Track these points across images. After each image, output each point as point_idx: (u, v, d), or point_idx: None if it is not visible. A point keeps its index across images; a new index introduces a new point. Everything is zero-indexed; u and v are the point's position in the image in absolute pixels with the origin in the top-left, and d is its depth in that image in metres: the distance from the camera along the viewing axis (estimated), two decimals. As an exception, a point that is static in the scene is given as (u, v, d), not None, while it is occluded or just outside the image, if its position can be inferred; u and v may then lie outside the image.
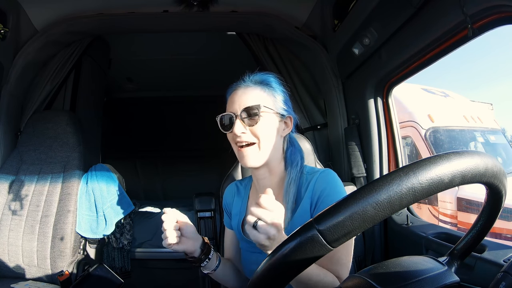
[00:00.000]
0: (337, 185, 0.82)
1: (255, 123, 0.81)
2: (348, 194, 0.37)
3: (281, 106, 0.86)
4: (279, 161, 0.88)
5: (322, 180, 0.82)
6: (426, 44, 1.05)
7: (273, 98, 0.85)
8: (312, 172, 0.86)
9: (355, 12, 1.31)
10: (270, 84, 0.87)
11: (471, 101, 4.14)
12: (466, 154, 0.38)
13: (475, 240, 0.50)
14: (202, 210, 1.43)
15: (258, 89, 0.85)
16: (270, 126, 0.83)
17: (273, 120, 0.84)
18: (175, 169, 3.42)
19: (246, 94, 0.84)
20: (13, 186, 1.57)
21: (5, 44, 1.49)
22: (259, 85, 0.86)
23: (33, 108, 1.73)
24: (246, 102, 0.82)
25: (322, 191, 0.81)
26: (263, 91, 0.85)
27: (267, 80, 0.87)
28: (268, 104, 0.84)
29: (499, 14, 0.82)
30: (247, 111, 0.81)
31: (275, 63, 1.84)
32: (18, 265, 1.48)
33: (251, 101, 0.82)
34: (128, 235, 2.01)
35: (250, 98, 0.83)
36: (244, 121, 0.82)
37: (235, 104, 0.83)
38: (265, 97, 0.84)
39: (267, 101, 0.84)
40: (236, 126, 0.81)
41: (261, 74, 0.89)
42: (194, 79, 3.06)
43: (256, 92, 0.84)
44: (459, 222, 2.82)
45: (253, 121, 0.81)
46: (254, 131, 0.82)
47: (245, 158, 0.83)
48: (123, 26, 1.72)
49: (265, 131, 0.82)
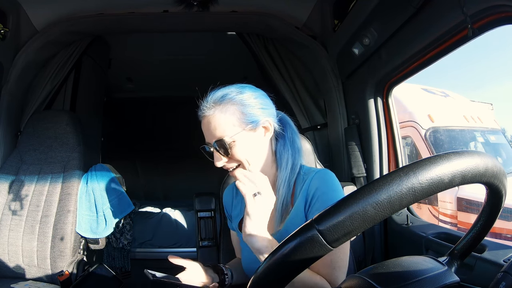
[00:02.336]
0: (333, 184, 0.81)
1: (229, 152, 0.78)
2: (348, 194, 0.37)
3: (251, 118, 0.79)
4: (270, 166, 0.86)
5: (317, 179, 0.81)
6: (426, 44, 1.05)
7: (239, 114, 0.78)
8: (309, 172, 0.85)
9: (355, 12, 1.31)
10: (232, 98, 0.79)
11: (471, 101, 4.14)
12: (466, 154, 0.38)
13: (475, 240, 0.50)
14: (202, 210, 1.42)
15: (218, 113, 0.78)
16: (246, 145, 0.79)
17: (247, 138, 0.79)
18: (175, 169, 3.42)
19: (209, 125, 0.79)
20: (13, 186, 1.57)
21: (5, 44, 1.49)
22: (219, 106, 0.78)
23: (33, 108, 1.72)
24: (213, 135, 0.79)
25: (316, 190, 0.79)
26: (224, 112, 0.78)
27: (227, 96, 0.79)
28: (235, 126, 0.77)
29: (499, 14, 0.82)
30: (217, 144, 0.78)
31: (275, 63, 1.84)
32: (18, 265, 1.48)
33: (216, 134, 0.78)
34: (128, 235, 2.01)
35: (215, 130, 0.78)
36: (220, 152, 0.79)
37: (207, 136, 0.81)
38: (228, 119, 0.77)
39: (233, 122, 0.78)
40: (215, 160, 0.80)
41: (219, 89, 0.82)
42: (194, 79, 3.05)
43: (217, 118, 0.78)
44: (459, 222, 2.82)
45: (226, 151, 0.78)
46: (233, 158, 0.79)
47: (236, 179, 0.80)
48: (123, 26, 1.72)
49: (243, 153, 0.79)
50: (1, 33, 1.43)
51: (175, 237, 2.16)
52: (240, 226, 0.93)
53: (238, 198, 0.97)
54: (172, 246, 2.13)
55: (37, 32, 1.58)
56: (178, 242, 2.14)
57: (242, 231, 0.72)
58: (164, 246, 2.14)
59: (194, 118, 0.85)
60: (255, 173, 0.77)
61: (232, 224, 0.98)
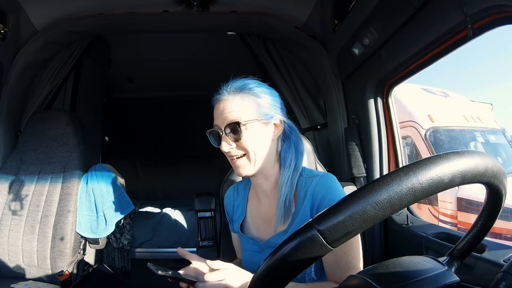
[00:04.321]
0: (337, 190, 0.82)
1: (240, 138, 0.79)
2: (348, 194, 0.37)
3: (266, 111, 0.82)
4: (273, 164, 0.86)
5: (323, 185, 0.81)
6: (426, 44, 1.05)
7: (255, 105, 0.81)
8: (312, 176, 0.85)
9: (355, 12, 1.31)
10: (251, 89, 0.82)
11: (471, 101, 4.14)
12: (466, 154, 0.38)
13: (475, 240, 0.50)
14: (202, 210, 1.43)
15: (237, 99, 0.80)
16: (256, 135, 0.80)
17: (258, 129, 0.81)
18: (175, 169, 3.42)
19: (226, 108, 0.80)
20: (13, 186, 1.57)
21: (5, 44, 1.49)
22: (238, 94, 0.81)
23: (33, 108, 1.73)
24: (227, 117, 0.79)
25: (323, 196, 0.80)
26: (242, 99, 0.80)
27: (247, 86, 0.82)
28: (250, 114, 0.80)
29: (499, 14, 0.82)
30: (229, 127, 0.79)
31: (275, 63, 1.84)
32: (18, 265, 1.48)
33: (231, 116, 0.79)
34: (128, 235, 2.01)
35: (230, 113, 0.79)
36: (229, 136, 0.80)
37: (219, 119, 0.82)
38: (246, 106, 0.80)
39: (249, 110, 0.80)
40: (223, 144, 0.80)
41: (240, 80, 0.84)
42: (194, 79, 3.06)
43: (235, 103, 0.80)
44: (459, 222, 2.82)
45: (237, 136, 0.79)
46: (241, 145, 0.80)
47: (238, 169, 0.82)
48: (123, 26, 1.72)
49: (252, 142, 0.80)
50: (1, 33, 1.43)
51: (175, 237, 2.16)
52: (242, 228, 0.94)
53: (239, 200, 0.97)
54: (172, 246, 2.13)
55: (37, 32, 1.58)
56: (178, 242, 2.14)
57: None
58: (164, 246, 2.14)
59: (194, 118, 0.86)
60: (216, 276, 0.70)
61: (234, 226, 0.98)
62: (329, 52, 1.62)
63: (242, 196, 0.97)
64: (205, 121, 1.03)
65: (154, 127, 3.49)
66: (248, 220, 0.94)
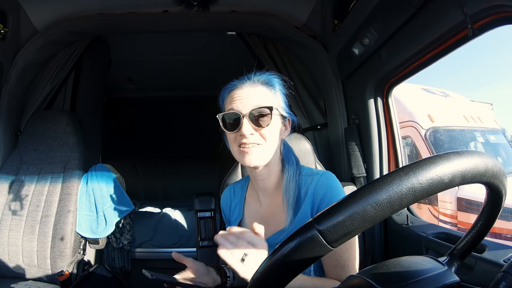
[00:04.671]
0: (337, 189, 0.82)
1: (266, 125, 0.76)
2: (348, 194, 0.37)
3: (284, 108, 0.84)
4: (277, 163, 0.87)
5: (323, 184, 0.82)
6: (426, 44, 1.05)
7: (277, 100, 0.83)
8: (311, 174, 0.85)
9: (355, 12, 1.31)
10: (274, 85, 0.84)
11: (471, 101, 4.14)
12: (466, 154, 0.38)
13: (475, 240, 0.50)
14: (202, 210, 1.43)
15: (265, 89, 0.81)
16: (276, 128, 0.81)
17: (278, 123, 0.82)
18: (175, 169, 3.42)
19: (255, 94, 0.78)
20: (13, 186, 1.57)
21: (5, 44, 1.49)
22: (265, 85, 0.82)
23: (33, 108, 1.73)
24: (256, 101, 0.77)
25: (324, 195, 0.80)
26: (269, 90, 0.82)
27: (272, 81, 0.84)
28: (277, 105, 0.81)
29: (499, 14, 0.82)
30: (258, 111, 0.76)
31: (275, 63, 1.84)
32: (18, 265, 1.48)
33: (262, 101, 0.77)
34: (128, 235, 2.01)
35: (261, 98, 0.78)
36: (252, 121, 0.77)
37: (240, 103, 0.78)
38: (273, 98, 0.81)
39: (277, 102, 0.82)
40: (245, 127, 0.75)
41: (267, 74, 0.85)
42: (194, 79, 3.06)
43: (264, 92, 0.80)
44: (459, 222, 2.82)
45: (263, 122, 0.76)
46: (263, 133, 0.78)
47: (249, 156, 0.78)
48: (123, 26, 1.72)
49: (273, 133, 0.80)
50: (1, 33, 1.43)
51: (175, 237, 2.16)
52: None
53: (236, 200, 0.97)
54: (172, 246, 2.13)
55: (37, 32, 1.58)
56: (178, 242, 2.14)
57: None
58: (164, 246, 2.14)
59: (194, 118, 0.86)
60: (236, 230, 0.66)
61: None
62: (329, 52, 1.62)
63: (239, 197, 0.96)
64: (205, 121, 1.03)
65: (154, 127, 3.48)
66: (245, 220, 0.93)
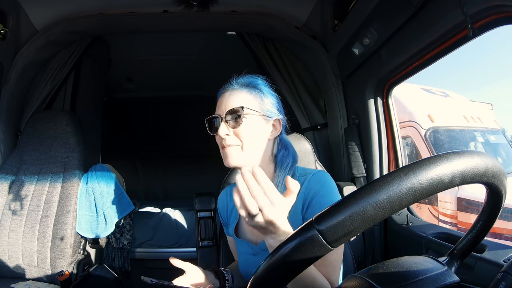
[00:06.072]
0: (330, 186, 0.81)
1: (238, 125, 0.80)
2: (348, 194, 0.37)
3: (269, 108, 0.85)
4: (267, 164, 0.86)
5: (315, 181, 0.81)
6: (426, 44, 1.05)
7: (259, 101, 0.84)
8: (304, 174, 0.85)
9: (355, 12, 1.31)
10: (257, 86, 0.86)
11: (471, 101, 4.14)
12: (466, 154, 0.38)
13: (475, 240, 0.50)
14: (202, 210, 1.43)
15: (244, 92, 0.84)
16: (254, 128, 0.82)
17: (257, 122, 0.83)
18: (175, 169, 3.42)
19: (231, 97, 0.83)
20: (13, 186, 1.57)
21: (5, 44, 1.49)
22: (245, 88, 0.85)
23: (33, 108, 1.73)
24: (230, 104, 0.82)
25: (315, 193, 0.80)
26: (249, 93, 0.84)
27: (254, 83, 0.87)
28: (253, 106, 0.83)
29: (499, 14, 0.82)
30: (230, 113, 0.81)
31: (275, 63, 1.84)
32: (18, 265, 1.48)
33: (235, 104, 0.82)
34: (128, 235, 2.01)
35: (235, 101, 0.82)
36: (228, 123, 0.81)
37: (221, 107, 0.84)
38: (250, 99, 0.84)
39: (253, 103, 0.83)
40: (221, 128, 0.81)
41: (248, 76, 0.88)
42: (194, 79, 3.06)
43: (242, 95, 0.84)
44: (459, 222, 2.82)
45: (236, 123, 0.81)
46: (237, 133, 0.81)
47: (227, 158, 0.82)
48: (123, 26, 1.72)
49: (249, 133, 0.81)
50: (1, 33, 1.43)
51: (175, 237, 2.16)
52: (236, 232, 0.93)
53: (232, 203, 0.96)
54: (172, 246, 2.13)
55: (37, 32, 1.58)
56: (178, 242, 2.14)
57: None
58: (164, 246, 2.14)
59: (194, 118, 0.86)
60: (261, 178, 0.55)
61: (229, 230, 0.97)
62: (329, 52, 1.62)
63: None
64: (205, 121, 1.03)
65: (154, 127, 3.49)
66: (242, 222, 0.93)
